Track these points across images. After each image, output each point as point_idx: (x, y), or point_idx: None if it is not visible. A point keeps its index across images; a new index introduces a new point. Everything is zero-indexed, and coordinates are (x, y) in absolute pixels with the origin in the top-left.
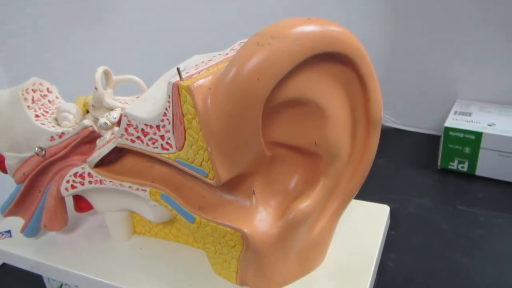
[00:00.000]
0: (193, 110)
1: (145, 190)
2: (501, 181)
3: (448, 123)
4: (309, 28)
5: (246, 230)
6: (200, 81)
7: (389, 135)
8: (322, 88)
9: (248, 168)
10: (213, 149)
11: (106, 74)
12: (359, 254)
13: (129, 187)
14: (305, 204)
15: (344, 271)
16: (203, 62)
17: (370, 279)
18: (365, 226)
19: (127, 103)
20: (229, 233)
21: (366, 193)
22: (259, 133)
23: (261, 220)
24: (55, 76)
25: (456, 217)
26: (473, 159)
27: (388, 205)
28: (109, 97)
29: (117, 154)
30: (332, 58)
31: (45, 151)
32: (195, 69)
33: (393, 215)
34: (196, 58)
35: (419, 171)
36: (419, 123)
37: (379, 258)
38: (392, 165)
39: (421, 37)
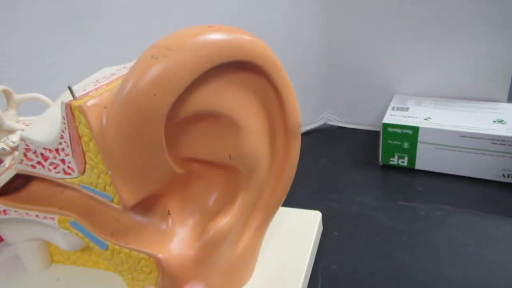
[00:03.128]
0: (89, 132)
1: (53, 218)
2: (439, 174)
3: (386, 119)
4: (209, 37)
5: (160, 256)
6: (94, 100)
7: (333, 134)
8: (232, 98)
9: (159, 189)
10: (114, 173)
11: (6, 93)
12: (288, 266)
13: (36, 216)
14: (224, 221)
15: (272, 285)
16: (105, 77)
17: None
18: (295, 235)
19: (32, 124)
20: (143, 259)
21: (310, 195)
22: (163, 152)
23: (178, 242)
24: None
25: (397, 213)
26: (412, 154)
27: (332, 206)
28: (12, 119)
29: (24, 180)
30: (241, 67)
31: None
32: (94, 86)
33: (337, 216)
34: (105, 71)
35: (362, 169)
36: (361, 120)
37: (311, 266)
38: (336, 165)
39: (357, 36)
